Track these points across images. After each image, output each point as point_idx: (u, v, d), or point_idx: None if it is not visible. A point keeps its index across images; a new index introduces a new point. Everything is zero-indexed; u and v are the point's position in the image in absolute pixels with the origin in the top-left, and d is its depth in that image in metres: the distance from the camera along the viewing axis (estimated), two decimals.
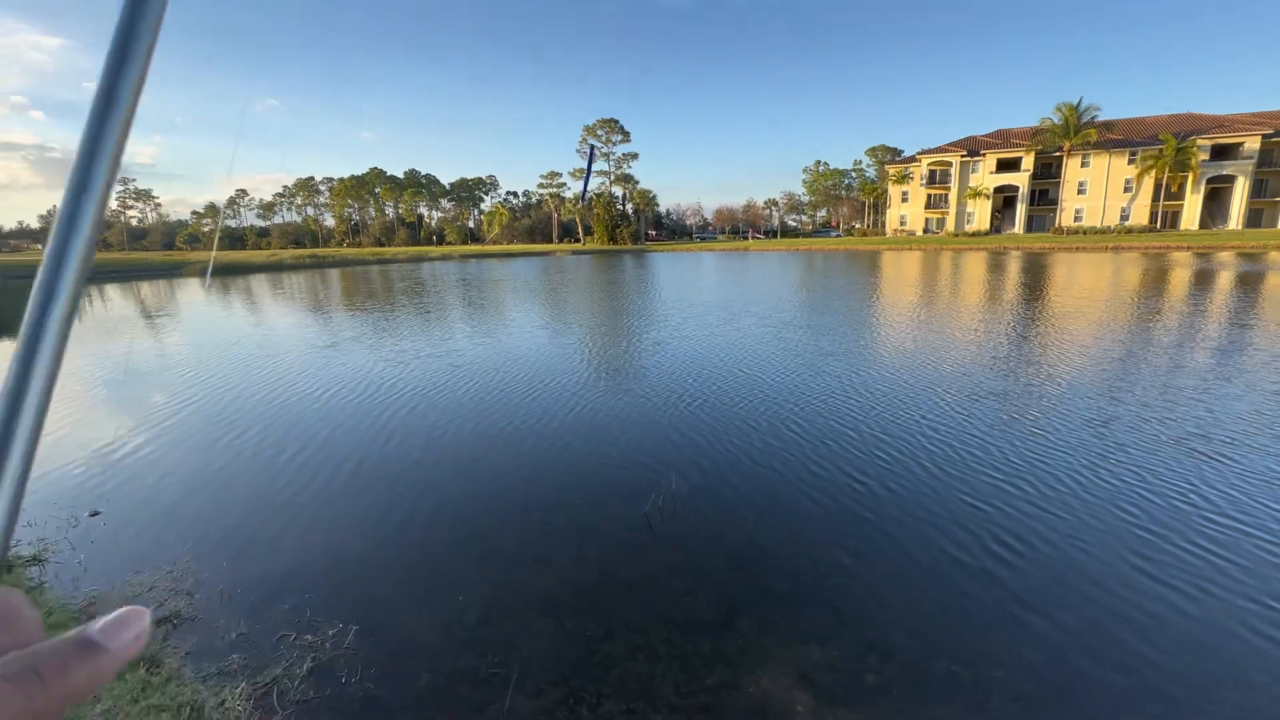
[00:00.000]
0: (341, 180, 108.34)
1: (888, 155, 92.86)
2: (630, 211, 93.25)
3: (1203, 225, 58.19)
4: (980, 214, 68.48)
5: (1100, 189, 63.19)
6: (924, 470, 5.38)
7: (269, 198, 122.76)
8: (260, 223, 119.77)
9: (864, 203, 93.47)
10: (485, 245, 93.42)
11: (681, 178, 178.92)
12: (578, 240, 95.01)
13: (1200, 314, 13.81)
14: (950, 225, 70.77)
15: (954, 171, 70.49)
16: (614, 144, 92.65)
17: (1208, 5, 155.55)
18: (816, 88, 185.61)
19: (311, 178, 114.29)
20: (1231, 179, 57.28)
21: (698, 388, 8.37)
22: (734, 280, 28.10)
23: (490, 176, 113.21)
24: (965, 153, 70.02)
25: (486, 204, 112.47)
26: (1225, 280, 21.44)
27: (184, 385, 9.41)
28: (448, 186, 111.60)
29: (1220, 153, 57.67)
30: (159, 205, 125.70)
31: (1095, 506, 4.61)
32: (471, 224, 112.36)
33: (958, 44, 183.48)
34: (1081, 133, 59.11)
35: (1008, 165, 68.07)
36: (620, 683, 3.00)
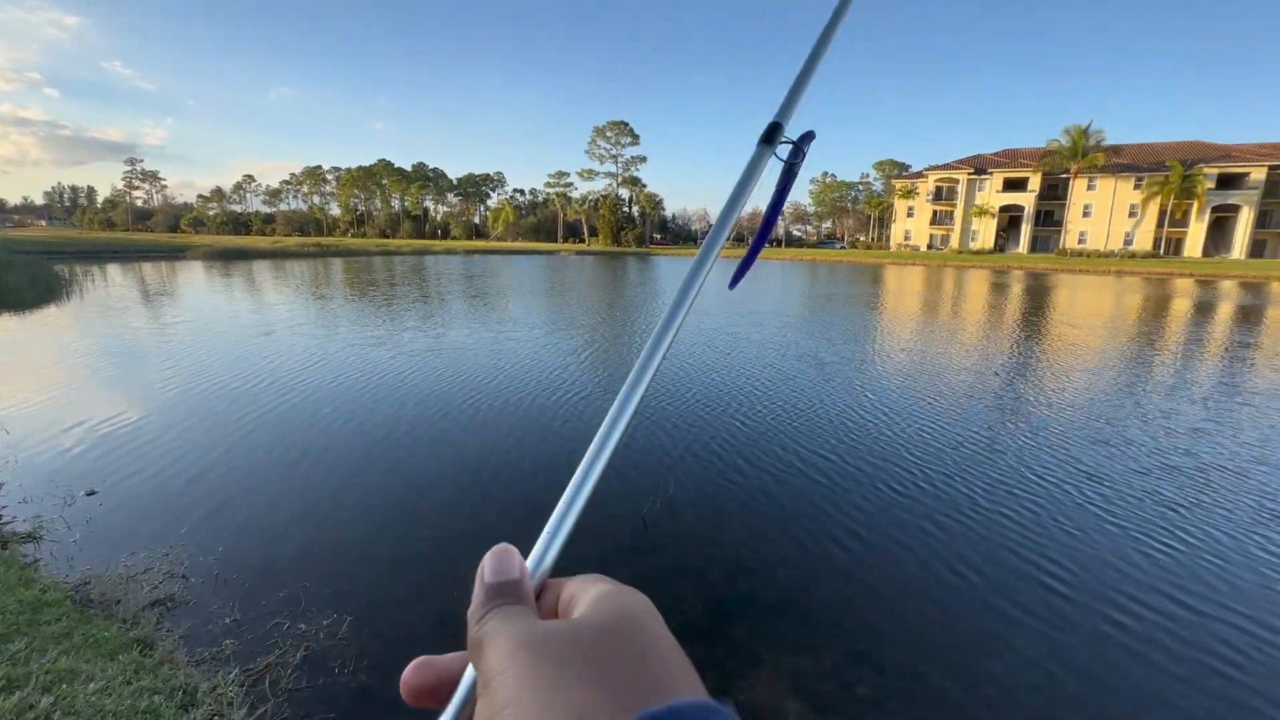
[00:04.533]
0: (349, 170, 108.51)
1: (895, 170, 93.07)
2: (636, 215, 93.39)
3: (1205, 253, 58.28)
4: (985, 232, 68.65)
5: (1105, 213, 63.36)
6: (923, 485, 5.39)
7: (275, 184, 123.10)
8: (266, 209, 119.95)
9: (870, 216, 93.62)
10: (490, 242, 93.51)
11: (688, 183, 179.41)
12: (582, 240, 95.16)
13: (1199, 344, 13.84)
14: (955, 242, 70.92)
15: (960, 189, 70.64)
16: (623, 146, 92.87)
17: (1218, 34, 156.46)
18: (826, 101, 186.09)
19: (319, 166, 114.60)
20: (1236, 209, 57.41)
21: (696, 392, 8.37)
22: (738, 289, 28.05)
23: (498, 173, 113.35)
24: (972, 170, 70.17)
25: (493, 200, 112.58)
26: (1225, 312, 21.47)
27: (181, 368, 9.41)
28: (455, 181, 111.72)
29: (1226, 182, 57.77)
30: (164, 188, 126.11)
31: (1082, 524, 4.63)
32: (477, 220, 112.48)
33: (970, 63, 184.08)
34: (1089, 156, 59.25)
35: (1015, 185, 68.20)
36: None
